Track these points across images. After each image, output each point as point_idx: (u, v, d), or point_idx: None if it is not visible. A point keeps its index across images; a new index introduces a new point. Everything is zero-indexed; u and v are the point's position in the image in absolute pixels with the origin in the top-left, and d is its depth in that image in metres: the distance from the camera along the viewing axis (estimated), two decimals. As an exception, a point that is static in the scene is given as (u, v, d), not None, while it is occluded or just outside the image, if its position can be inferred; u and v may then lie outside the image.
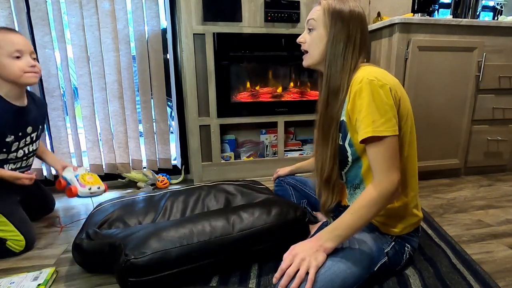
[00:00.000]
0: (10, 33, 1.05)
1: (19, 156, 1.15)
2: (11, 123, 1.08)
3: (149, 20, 1.71)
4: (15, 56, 1.03)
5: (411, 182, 0.91)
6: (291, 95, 1.91)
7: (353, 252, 0.85)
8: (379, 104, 0.78)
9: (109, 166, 1.82)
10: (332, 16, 0.86)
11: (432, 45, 1.64)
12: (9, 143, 1.10)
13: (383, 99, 0.78)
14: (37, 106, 1.22)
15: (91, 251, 0.96)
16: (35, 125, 1.18)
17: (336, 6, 0.86)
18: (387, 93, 0.79)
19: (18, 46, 1.04)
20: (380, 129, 0.77)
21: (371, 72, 0.81)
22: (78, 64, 1.65)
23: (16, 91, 1.09)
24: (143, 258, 0.84)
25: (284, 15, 1.68)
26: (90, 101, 1.71)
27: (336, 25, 0.86)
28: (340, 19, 0.86)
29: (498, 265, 1.04)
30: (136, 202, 1.19)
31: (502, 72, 1.76)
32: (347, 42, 0.86)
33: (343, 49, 0.86)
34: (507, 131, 1.88)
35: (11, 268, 1.05)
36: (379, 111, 0.78)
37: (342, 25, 0.85)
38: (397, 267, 0.94)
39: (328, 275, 0.78)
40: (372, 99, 0.78)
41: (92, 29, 1.62)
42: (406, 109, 0.85)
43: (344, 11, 0.85)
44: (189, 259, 0.91)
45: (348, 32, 0.86)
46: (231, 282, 0.95)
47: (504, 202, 1.55)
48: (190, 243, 0.91)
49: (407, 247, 0.93)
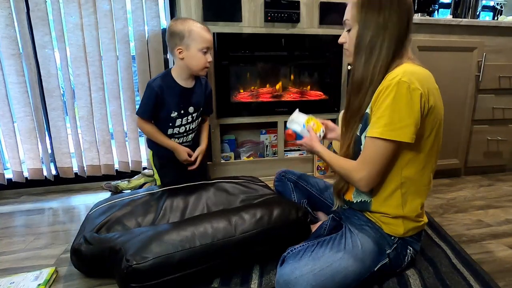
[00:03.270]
0: (205, 30, 1.21)
1: (181, 132, 1.33)
2: (176, 101, 1.25)
3: (149, 20, 1.71)
4: (203, 52, 1.19)
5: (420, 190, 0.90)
6: (291, 95, 1.91)
7: (355, 251, 0.86)
8: (401, 107, 0.76)
9: (106, 167, 1.82)
10: (362, 8, 0.83)
11: (432, 45, 1.64)
12: (174, 119, 1.27)
13: (407, 103, 0.75)
14: (202, 89, 1.35)
15: (90, 256, 0.95)
16: (197, 106, 1.33)
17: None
18: (415, 99, 0.76)
19: (208, 43, 1.20)
20: (391, 133, 0.77)
21: (409, 72, 0.78)
22: (75, 64, 1.64)
23: (186, 75, 1.26)
24: (145, 264, 0.84)
25: (284, 15, 1.68)
26: (87, 101, 1.71)
27: (365, 15, 0.82)
28: (370, 9, 0.82)
29: (498, 265, 1.04)
30: (135, 202, 1.16)
31: (502, 72, 1.76)
32: (376, 32, 0.81)
33: (370, 39, 0.82)
34: (507, 131, 1.88)
35: (11, 268, 1.05)
36: (398, 115, 0.76)
37: (371, 14, 0.81)
38: (398, 268, 0.94)
39: (329, 271, 0.80)
40: (395, 101, 0.76)
41: (90, 28, 1.62)
42: (435, 121, 0.83)
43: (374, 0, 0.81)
44: (191, 262, 0.90)
45: (377, 21, 0.81)
46: (233, 282, 0.95)
47: (504, 202, 1.55)
48: (193, 247, 0.91)
49: (409, 249, 0.93)
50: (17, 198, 1.70)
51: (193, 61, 1.20)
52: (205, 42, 1.18)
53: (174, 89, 1.25)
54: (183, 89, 1.27)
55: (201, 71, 1.24)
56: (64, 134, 1.73)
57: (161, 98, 1.23)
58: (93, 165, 1.80)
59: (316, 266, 0.81)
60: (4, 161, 1.81)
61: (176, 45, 1.19)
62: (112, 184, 1.74)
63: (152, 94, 1.21)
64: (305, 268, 0.80)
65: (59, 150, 1.73)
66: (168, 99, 1.24)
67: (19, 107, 1.62)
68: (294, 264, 0.82)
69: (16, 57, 1.56)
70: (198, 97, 1.33)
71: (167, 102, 1.24)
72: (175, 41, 1.19)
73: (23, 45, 1.58)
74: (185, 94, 1.27)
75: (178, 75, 1.25)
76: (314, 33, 1.74)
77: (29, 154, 1.69)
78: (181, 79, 1.26)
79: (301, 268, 0.80)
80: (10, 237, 1.28)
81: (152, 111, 1.24)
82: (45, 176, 1.76)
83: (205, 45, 1.18)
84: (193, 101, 1.31)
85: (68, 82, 1.68)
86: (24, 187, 1.75)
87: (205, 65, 1.22)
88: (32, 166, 1.71)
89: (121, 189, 1.74)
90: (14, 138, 1.65)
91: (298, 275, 0.79)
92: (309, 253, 0.85)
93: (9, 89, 1.61)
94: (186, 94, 1.27)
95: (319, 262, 0.82)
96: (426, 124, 0.81)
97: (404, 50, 0.85)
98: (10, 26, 1.53)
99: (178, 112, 1.28)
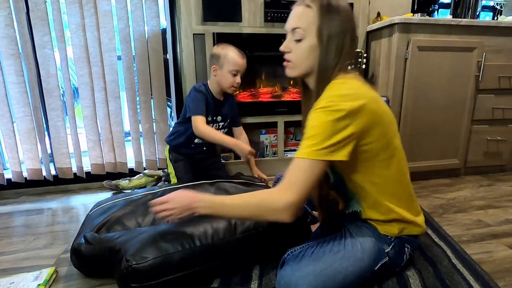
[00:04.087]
0: (239, 56, 1.41)
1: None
2: (210, 108, 1.46)
3: (149, 20, 1.71)
4: (233, 73, 1.40)
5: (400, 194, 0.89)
6: (291, 95, 1.90)
7: (354, 249, 0.86)
8: (325, 128, 0.73)
9: (109, 165, 1.82)
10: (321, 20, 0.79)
11: (432, 45, 1.64)
12: (208, 121, 1.46)
13: (332, 124, 0.73)
14: (230, 103, 1.57)
15: (90, 256, 0.95)
16: (224, 117, 1.55)
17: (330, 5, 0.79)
18: (340, 119, 0.73)
19: (239, 67, 1.41)
20: (314, 153, 0.73)
21: (337, 90, 0.77)
22: (78, 64, 1.65)
23: (219, 90, 1.49)
24: (144, 264, 0.84)
25: (284, 15, 1.68)
26: (91, 101, 1.71)
27: (327, 30, 0.78)
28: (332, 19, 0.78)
29: (498, 265, 1.04)
30: (135, 202, 1.16)
31: (502, 72, 1.76)
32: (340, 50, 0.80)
33: (335, 59, 0.80)
34: (507, 131, 1.88)
35: (11, 268, 1.05)
36: (322, 135, 0.73)
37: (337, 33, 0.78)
38: (398, 267, 0.94)
39: (330, 271, 0.80)
40: (320, 123, 0.74)
41: (92, 29, 1.62)
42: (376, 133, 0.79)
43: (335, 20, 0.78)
44: (191, 262, 0.90)
45: (342, 40, 0.79)
46: (233, 282, 0.95)
47: (504, 202, 1.55)
48: (192, 247, 0.91)
49: (407, 247, 0.93)
50: (17, 198, 1.70)
51: (223, 79, 1.42)
52: (235, 65, 1.39)
53: (209, 98, 1.47)
54: (215, 100, 1.49)
55: (229, 89, 1.44)
56: (63, 134, 1.73)
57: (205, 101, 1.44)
58: (97, 164, 1.80)
59: (316, 267, 0.80)
60: (4, 161, 1.81)
61: (213, 64, 1.44)
62: (113, 183, 1.74)
63: (201, 96, 1.43)
64: (306, 269, 0.80)
65: (59, 150, 1.73)
66: (207, 105, 1.45)
67: (18, 107, 1.62)
68: (294, 265, 0.82)
69: (16, 57, 1.56)
70: (226, 110, 1.54)
71: (206, 107, 1.45)
72: (213, 61, 1.43)
73: (22, 45, 1.58)
74: (216, 104, 1.49)
75: (212, 88, 1.48)
76: (314, 33, 1.74)
77: (29, 154, 1.69)
78: (214, 91, 1.48)
79: (301, 269, 0.80)
80: (10, 237, 1.27)
81: (204, 108, 1.42)
82: (44, 176, 1.76)
83: (235, 68, 1.40)
84: (222, 112, 1.53)
85: (68, 82, 1.68)
86: (23, 187, 1.75)
87: (232, 84, 1.42)
88: (31, 166, 1.71)
89: (122, 188, 1.74)
90: (14, 138, 1.65)
91: (298, 276, 0.79)
92: (309, 254, 0.85)
93: (8, 89, 1.61)
94: (217, 105, 1.50)
95: (319, 263, 0.82)
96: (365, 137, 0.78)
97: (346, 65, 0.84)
98: (9, 26, 1.52)
99: (211, 117, 1.49)
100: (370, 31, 1.83)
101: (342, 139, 0.74)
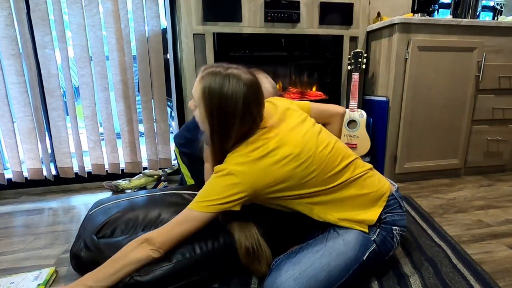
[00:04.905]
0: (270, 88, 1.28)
1: None
2: None
3: (149, 20, 1.71)
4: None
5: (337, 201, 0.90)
6: (291, 95, 1.90)
7: (336, 244, 0.85)
8: (212, 187, 0.83)
9: (111, 166, 1.83)
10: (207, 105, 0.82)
11: (432, 45, 1.64)
12: None
13: (219, 184, 0.82)
14: None
15: (89, 262, 0.94)
16: None
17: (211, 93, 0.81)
18: (227, 180, 0.81)
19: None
20: (198, 205, 0.82)
21: (231, 160, 0.83)
22: (79, 64, 1.65)
23: None
24: (146, 276, 0.83)
25: (284, 15, 1.68)
26: (92, 101, 1.71)
27: (212, 115, 0.82)
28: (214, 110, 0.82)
29: (498, 265, 1.04)
30: (136, 203, 1.15)
31: (502, 72, 1.76)
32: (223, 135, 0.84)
33: (219, 141, 0.85)
34: (507, 131, 1.88)
35: (11, 268, 1.05)
36: (208, 193, 0.82)
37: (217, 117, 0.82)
38: (390, 251, 0.93)
39: (311, 271, 0.79)
40: (209, 183, 0.83)
41: (94, 29, 1.62)
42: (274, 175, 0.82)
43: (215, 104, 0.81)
44: (193, 271, 0.89)
45: (223, 125, 0.83)
46: (233, 283, 0.95)
47: (504, 202, 1.55)
48: (194, 255, 0.90)
49: (394, 230, 0.92)
50: (17, 198, 1.70)
51: None
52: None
53: None
54: None
55: None
56: (64, 134, 1.73)
57: None
58: (98, 164, 1.80)
59: (295, 270, 0.80)
60: (4, 161, 1.81)
61: None
62: (113, 184, 1.74)
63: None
64: (286, 275, 0.79)
65: (59, 150, 1.73)
66: None
67: (19, 107, 1.62)
68: (275, 274, 0.81)
69: (16, 57, 1.57)
70: None
71: None
72: None
73: (23, 45, 1.58)
74: None
75: None
76: (314, 33, 1.74)
77: (29, 154, 1.69)
78: None
79: (281, 276, 0.79)
80: (10, 237, 1.28)
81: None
82: (45, 176, 1.76)
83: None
84: None
85: (69, 82, 1.68)
86: (24, 187, 1.75)
87: None
88: (31, 166, 1.71)
89: (122, 189, 1.74)
90: (14, 138, 1.65)
91: (279, 283, 0.78)
92: (290, 259, 0.84)
93: (9, 89, 1.61)
94: None
95: (299, 265, 0.81)
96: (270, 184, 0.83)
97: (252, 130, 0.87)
98: (10, 26, 1.53)
99: None
100: (370, 31, 1.83)
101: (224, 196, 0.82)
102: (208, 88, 0.81)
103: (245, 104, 0.81)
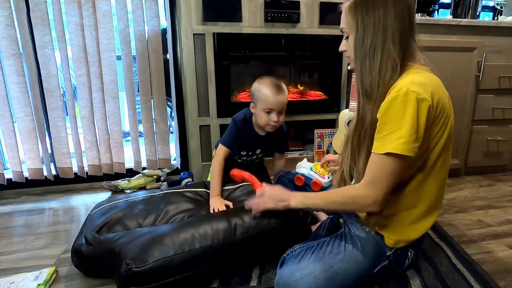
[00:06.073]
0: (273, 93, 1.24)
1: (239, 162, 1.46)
2: (249, 143, 1.39)
3: (149, 20, 1.71)
4: (266, 112, 1.26)
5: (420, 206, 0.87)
6: (291, 95, 1.90)
7: (355, 253, 0.85)
8: (409, 120, 0.70)
9: (106, 166, 1.82)
10: (355, 12, 0.79)
11: (432, 45, 1.64)
12: (242, 155, 1.43)
13: (416, 115, 0.71)
14: (279, 137, 1.42)
15: (90, 257, 0.95)
16: (265, 149, 1.46)
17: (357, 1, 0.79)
18: (423, 110, 0.71)
19: (272, 105, 1.25)
20: (400, 147, 0.71)
21: (417, 79, 0.74)
22: (76, 64, 1.65)
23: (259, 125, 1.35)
24: (144, 267, 0.84)
25: (284, 15, 1.68)
26: (88, 101, 1.71)
27: (359, 19, 0.78)
28: (362, 11, 0.78)
29: (498, 265, 1.04)
30: (136, 203, 1.16)
31: (502, 72, 1.76)
32: (374, 34, 0.76)
33: (370, 43, 0.77)
34: (507, 131, 1.88)
35: (11, 268, 1.05)
36: (406, 128, 0.71)
37: (366, 16, 0.77)
38: (398, 269, 0.94)
39: (330, 273, 0.80)
40: (404, 114, 0.71)
41: (90, 29, 1.62)
42: (442, 132, 0.79)
43: (366, 1, 0.77)
44: (191, 265, 0.90)
45: (373, 22, 0.76)
46: (232, 282, 0.95)
47: (504, 202, 1.55)
48: (192, 249, 0.90)
49: (410, 252, 0.91)
50: (17, 198, 1.70)
51: (258, 117, 1.30)
52: (267, 104, 1.25)
53: (250, 134, 1.37)
54: (257, 136, 1.38)
55: (265, 127, 1.31)
56: (64, 134, 1.73)
57: (240, 136, 1.35)
58: (94, 165, 1.80)
59: (316, 268, 0.80)
60: (4, 161, 1.81)
61: (252, 100, 1.32)
62: (112, 184, 1.74)
63: (235, 130, 1.35)
64: (305, 271, 0.80)
65: (59, 150, 1.73)
66: (243, 140, 1.37)
67: (19, 107, 1.62)
68: (294, 266, 0.82)
69: (16, 57, 1.57)
70: (269, 143, 1.43)
71: (242, 142, 1.37)
72: (252, 96, 1.32)
73: (23, 45, 1.58)
74: (257, 140, 1.39)
75: (254, 122, 1.36)
76: (314, 33, 1.74)
77: (29, 154, 1.69)
78: (256, 126, 1.36)
79: (301, 271, 0.80)
80: (10, 237, 1.28)
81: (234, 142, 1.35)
82: (45, 176, 1.76)
83: (267, 106, 1.25)
84: (264, 145, 1.43)
85: (69, 82, 1.68)
86: (24, 187, 1.75)
87: (267, 123, 1.28)
88: (32, 166, 1.71)
89: (121, 189, 1.74)
90: (14, 138, 1.65)
91: (298, 277, 0.79)
92: (308, 255, 0.84)
93: (9, 89, 1.61)
94: (258, 140, 1.40)
95: (319, 264, 0.81)
96: (433, 135, 0.78)
97: (413, 51, 0.83)
98: (10, 26, 1.53)
99: (246, 152, 1.42)
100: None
101: (419, 136, 0.73)
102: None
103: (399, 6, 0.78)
